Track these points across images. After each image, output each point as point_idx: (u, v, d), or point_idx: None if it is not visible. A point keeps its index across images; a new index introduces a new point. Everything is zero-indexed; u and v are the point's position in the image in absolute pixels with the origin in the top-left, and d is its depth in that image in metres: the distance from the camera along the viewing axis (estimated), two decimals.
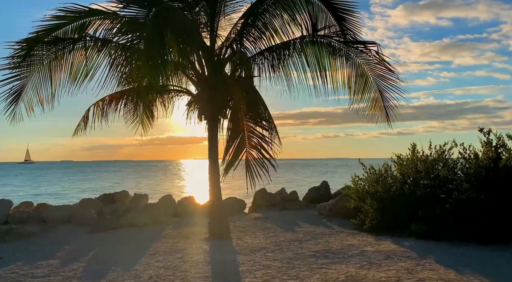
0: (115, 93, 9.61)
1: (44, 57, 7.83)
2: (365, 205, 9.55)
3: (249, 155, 7.84)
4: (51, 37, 7.72)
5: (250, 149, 7.84)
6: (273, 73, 8.49)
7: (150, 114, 10.64)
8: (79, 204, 11.84)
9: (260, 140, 7.88)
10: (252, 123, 7.99)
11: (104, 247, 8.21)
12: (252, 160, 7.84)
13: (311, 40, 8.45)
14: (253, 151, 7.85)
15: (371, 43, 8.07)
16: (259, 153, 7.84)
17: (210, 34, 8.91)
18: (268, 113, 10.29)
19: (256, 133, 7.96)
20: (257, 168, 7.81)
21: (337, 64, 8.48)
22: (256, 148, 7.82)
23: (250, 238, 8.83)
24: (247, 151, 7.85)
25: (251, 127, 7.91)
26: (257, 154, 7.86)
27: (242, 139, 7.87)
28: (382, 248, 7.62)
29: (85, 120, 10.18)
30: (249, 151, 7.84)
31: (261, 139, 7.90)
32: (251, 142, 7.83)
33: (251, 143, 7.83)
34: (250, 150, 7.84)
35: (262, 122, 8.15)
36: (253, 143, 7.83)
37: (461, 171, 9.01)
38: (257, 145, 7.82)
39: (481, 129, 9.04)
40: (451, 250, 7.43)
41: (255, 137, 7.89)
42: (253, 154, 7.85)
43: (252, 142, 7.83)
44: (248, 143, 7.84)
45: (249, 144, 7.84)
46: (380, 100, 8.50)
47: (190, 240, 8.69)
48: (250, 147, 7.85)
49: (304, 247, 7.84)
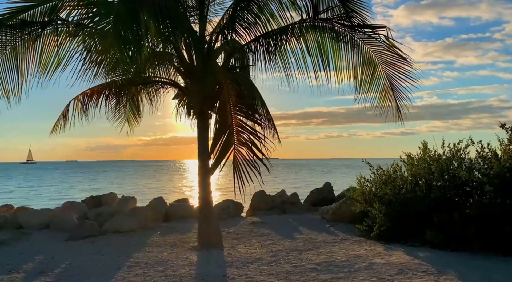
0: (96, 86, 8.68)
1: (9, 43, 6.91)
2: (373, 210, 8.60)
3: (238, 153, 6.85)
4: (17, 20, 6.80)
5: (239, 146, 6.85)
6: (269, 61, 7.55)
7: (136, 109, 9.76)
8: (61, 208, 10.93)
9: (251, 136, 6.87)
10: (243, 117, 7.02)
11: (79, 257, 7.29)
12: (241, 159, 6.86)
13: (312, 24, 7.50)
14: (242, 148, 6.85)
15: (380, 27, 7.10)
16: (249, 151, 6.84)
17: (199, 19, 7.97)
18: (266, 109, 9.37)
19: (246, 128, 6.95)
20: (247, 168, 6.83)
21: (341, 51, 7.53)
22: (247, 145, 6.81)
23: (244, 247, 7.90)
24: (236, 149, 6.86)
25: (240, 121, 6.93)
26: (247, 152, 6.87)
27: (230, 135, 6.88)
28: (394, 260, 6.67)
29: (64, 116, 9.25)
30: (237, 149, 6.84)
31: (252, 135, 6.88)
32: (241, 138, 6.83)
33: (240, 139, 6.84)
34: (239, 147, 6.85)
35: (255, 115, 7.12)
36: (242, 139, 6.83)
37: (479, 172, 8.05)
38: (248, 142, 6.81)
39: (502, 125, 8.06)
40: (474, 263, 6.45)
41: (245, 133, 6.88)
42: (243, 152, 6.86)
43: (242, 139, 6.83)
44: (237, 139, 6.85)
45: (238, 141, 6.85)
46: (390, 91, 7.53)
47: (177, 249, 7.76)
48: (239, 144, 6.85)
49: (304, 259, 6.90)
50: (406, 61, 7.01)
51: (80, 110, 9.04)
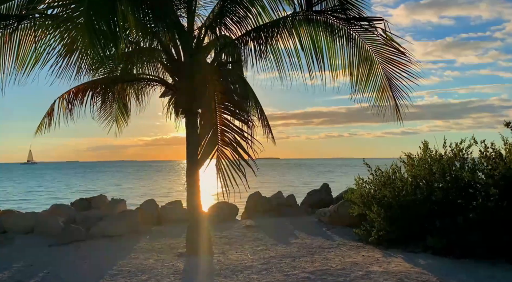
0: (82, 84, 8.27)
1: None
2: (371, 213, 8.18)
3: (221, 154, 6.41)
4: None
5: (223, 147, 6.42)
6: (260, 57, 7.14)
7: (124, 109, 9.35)
8: (48, 211, 10.52)
9: (236, 136, 6.43)
10: (228, 115, 6.59)
11: (60, 264, 6.89)
12: (224, 159, 6.41)
13: (305, 17, 7.08)
14: (226, 148, 6.42)
15: (377, 20, 6.67)
16: (234, 151, 6.40)
17: (187, 13, 7.56)
18: (260, 108, 8.97)
19: (232, 127, 6.51)
20: (231, 170, 6.38)
21: (336, 46, 7.12)
22: (232, 145, 6.38)
23: (235, 253, 7.48)
24: (219, 149, 6.43)
25: (225, 120, 6.50)
26: (232, 153, 6.43)
27: (215, 134, 6.46)
28: (392, 268, 6.25)
29: (49, 116, 8.84)
30: (221, 149, 6.41)
31: (237, 135, 6.44)
32: (225, 138, 6.40)
33: (224, 139, 6.40)
34: (223, 147, 6.42)
35: (242, 114, 6.65)
36: (227, 139, 6.39)
37: (483, 173, 7.62)
38: (233, 142, 6.38)
39: (507, 124, 7.61)
40: (478, 271, 6.01)
41: (230, 132, 6.45)
42: (227, 153, 6.43)
43: (226, 138, 6.39)
44: (221, 139, 6.42)
45: (222, 141, 6.41)
46: (387, 88, 7.11)
47: (164, 256, 7.35)
48: (223, 144, 6.42)
49: (297, 266, 6.48)
50: (405, 56, 6.59)
51: (65, 109, 8.63)
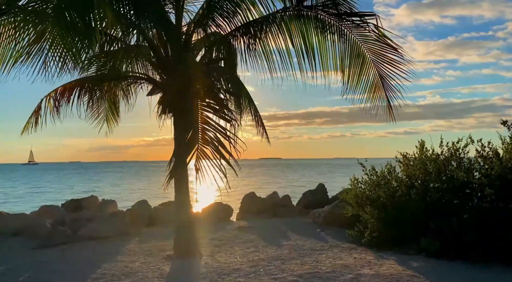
0: (69, 83, 8.09)
1: None
2: (364, 214, 7.97)
3: (201, 153, 6.19)
4: None
5: (203, 146, 6.20)
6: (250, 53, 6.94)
7: (114, 108, 9.14)
8: (37, 212, 10.33)
9: (218, 134, 6.21)
10: (210, 113, 6.37)
11: (42, 268, 6.69)
12: (205, 159, 6.19)
13: (295, 13, 6.88)
14: (207, 148, 6.20)
15: (368, 15, 6.46)
16: (215, 150, 6.18)
17: (175, 8, 7.36)
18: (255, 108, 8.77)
19: (213, 125, 6.29)
20: (212, 170, 6.17)
21: (328, 42, 6.91)
22: (213, 144, 6.16)
23: (224, 255, 7.29)
24: (199, 148, 6.21)
25: (207, 118, 6.28)
26: (212, 152, 6.21)
27: (195, 133, 6.24)
28: (384, 271, 6.04)
29: (36, 115, 8.64)
30: (201, 148, 6.19)
31: (219, 133, 6.22)
32: (206, 136, 6.18)
33: (205, 137, 6.19)
34: (204, 146, 6.20)
35: (224, 111, 6.41)
36: (207, 137, 6.18)
37: (479, 173, 7.41)
38: (214, 141, 6.16)
39: (504, 122, 7.42)
40: (473, 274, 5.81)
41: (211, 130, 6.23)
42: (207, 152, 6.21)
43: (207, 137, 6.18)
44: (201, 137, 6.20)
45: (202, 139, 6.20)
46: (380, 85, 6.90)
47: (151, 258, 7.16)
48: (203, 143, 6.21)
49: (286, 269, 6.28)
50: (397, 52, 6.37)
51: (53, 108, 8.44)
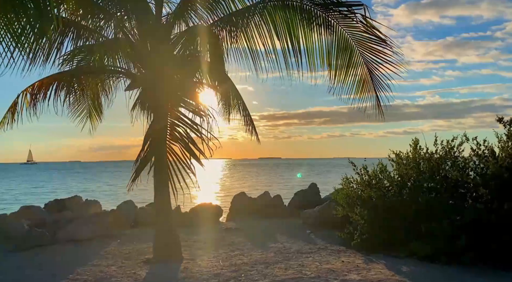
0: (46, 78, 7.73)
1: None
2: (354, 215, 7.62)
3: (170, 151, 5.80)
4: None
5: (172, 143, 5.81)
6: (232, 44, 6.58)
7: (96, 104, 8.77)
8: (16, 214, 9.95)
9: (189, 130, 5.81)
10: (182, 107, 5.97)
11: (12, 272, 6.34)
12: (173, 156, 5.79)
13: (280, 3, 6.51)
14: (175, 145, 5.81)
15: (356, 5, 6.08)
16: (184, 148, 5.78)
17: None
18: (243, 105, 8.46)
19: (184, 120, 5.88)
20: (180, 169, 5.78)
21: (314, 35, 6.54)
22: (183, 141, 5.76)
23: (206, 259, 6.92)
24: (168, 146, 5.82)
25: (179, 113, 5.89)
26: (181, 150, 5.82)
27: (164, 130, 5.85)
28: (372, 276, 5.68)
29: (12, 111, 8.27)
30: (170, 146, 5.80)
31: (191, 129, 5.82)
32: (175, 133, 5.79)
33: (174, 133, 5.80)
34: (172, 143, 5.81)
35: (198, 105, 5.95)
36: (177, 134, 5.79)
37: (474, 172, 7.07)
38: (184, 138, 5.77)
39: (500, 119, 7.07)
40: (465, 279, 5.45)
41: (181, 126, 5.84)
42: (175, 150, 5.81)
43: (177, 133, 5.79)
44: (170, 133, 5.82)
45: (171, 136, 5.82)
46: (369, 80, 6.54)
47: (128, 262, 6.80)
48: (172, 140, 5.82)
49: (269, 274, 5.92)
50: (386, 44, 6.00)
51: (29, 104, 8.06)
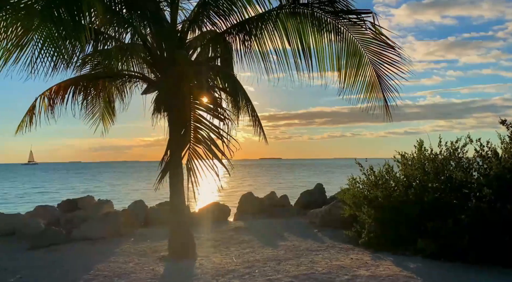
0: (63, 82, 8.01)
1: None
2: (361, 214, 7.88)
3: (193, 153, 6.10)
4: None
5: (195, 145, 6.11)
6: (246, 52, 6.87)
7: (110, 107, 9.05)
8: (31, 213, 10.23)
9: (210, 133, 6.12)
10: (203, 111, 6.27)
11: (34, 269, 6.59)
12: (196, 158, 6.10)
13: (291, 11, 6.79)
14: (199, 147, 6.10)
15: (365, 13, 6.37)
16: (207, 150, 6.09)
17: (170, 5, 7.28)
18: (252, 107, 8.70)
19: (206, 123, 6.19)
20: (203, 170, 6.08)
21: (324, 41, 6.82)
22: (206, 143, 6.06)
23: (219, 256, 7.19)
24: (191, 148, 6.11)
25: (200, 117, 6.19)
26: (205, 152, 6.12)
27: (187, 132, 6.14)
28: (380, 272, 5.95)
29: (30, 114, 8.55)
30: (193, 148, 6.10)
31: (212, 132, 6.13)
32: (198, 135, 6.09)
33: (197, 136, 6.09)
34: (196, 145, 6.10)
35: (217, 110, 6.30)
36: (200, 136, 6.08)
37: (477, 173, 7.33)
38: (206, 140, 6.07)
39: (503, 121, 7.33)
40: (469, 276, 5.72)
41: (203, 129, 6.14)
42: (199, 151, 6.12)
43: (199, 136, 6.09)
44: (193, 136, 6.11)
45: (194, 138, 6.11)
46: (377, 84, 6.81)
47: (145, 259, 7.07)
48: (195, 142, 6.11)
49: (282, 270, 6.19)
50: (394, 50, 6.28)
51: (47, 107, 8.35)
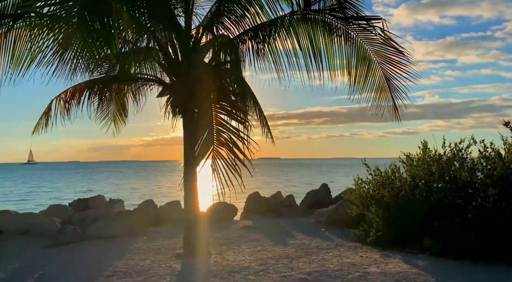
0: (79, 84, 8.23)
1: None
2: (369, 213, 8.13)
3: (217, 154, 6.38)
4: None
5: (218, 147, 6.38)
6: (258, 57, 7.11)
7: (122, 109, 9.29)
8: (45, 212, 10.47)
9: (232, 136, 6.40)
10: (224, 115, 6.56)
11: (53, 266, 6.83)
12: (220, 160, 6.38)
13: (303, 16, 7.04)
14: (222, 149, 6.38)
15: (375, 19, 6.63)
16: (230, 151, 6.37)
17: (184, 12, 7.51)
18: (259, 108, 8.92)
19: (227, 127, 6.49)
20: (227, 170, 6.36)
21: (335, 45, 7.07)
22: (228, 145, 6.34)
23: (232, 254, 7.43)
24: (215, 150, 6.39)
25: (221, 120, 6.47)
26: (228, 153, 6.40)
27: (210, 134, 6.42)
28: (390, 269, 6.20)
29: (46, 116, 8.79)
30: (217, 149, 6.37)
31: (234, 135, 6.41)
32: (221, 138, 6.37)
33: (220, 139, 6.37)
34: (219, 147, 6.38)
35: (238, 113, 6.61)
36: (222, 139, 6.36)
37: (481, 173, 7.58)
38: (229, 142, 6.35)
39: (506, 123, 7.58)
40: (476, 273, 5.97)
41: (226, 132, 6.42)
42: (222, 153, 6.39)
43: (222, 138, 6.36)
44: (216, 139, 6.39)
45: (217, 141, 6.38)
46: (386, 87, 7.06)
47: (161, 257, 7.30)
48: (218, 144, 6.39)
49: (295, 267, 6.43)
50: (403, 55, 6.54)
51: (63, 109, 8.58)
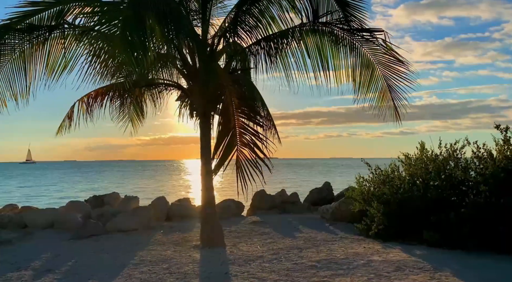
0: (101, 88, 8.89)
1: (17, 46, 7.10)
2: (371, 209, 8.79)
3: (240, 154, 7.06)
4: (25, 24, 6.99)
5: (241, 147, 7.06)
6: (270, 64, 7.78)
7: (140, 110, 9.94)
8: (65, 208, 11.10)
9: (253, 138, 7.10)
10: (245, 119, 7.24)
11: (84, 255, 7.47)
12: (243, 159, 7.07)
13: (311, 28, 7.71)
14: (245, 149, 7.06)
15: (377, 31, 7.31)
16: (251, 152, 7.06)
17: (202, 22, 8.16)
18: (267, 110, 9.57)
19: (249, 129, 7.18)
20: (249, 168, 7.05)
21: (341, 54, 7.74)
22: (249, 146, 7.03)
23: (245, 245, 8.08)
24: (238, 150, 7.07)
25: (243, 123, 7.14)
26: (250, 153, 7.09)
27: (233, 136, 7.09)
28: (391, 258, 6.86)
29: (69, 118, 9.44)
30: (240, 150, 7.05)
31: (254, 137, 7.11)
32: (243, 140, 7.04)
33: (242, 140, 7.04)
34: (242, 148, 7.06)
35: (257, 117, 7.36)
36: (245, 140, 7.03)
37: (474, 172, 8.26)
38: (250, 143, 7.03)
39: (497, 126, 8.25)
40: (469, 261, 6.65)
41: (247, 134, 7.09)
42: (245, 153, 7.08)
43: (244, 140, 7.04)
44: (239, 140, 7.05)
45: (240, 142, 7.05)
46: (387, 93, 7.74)
47: (180, 248, 7.95)
48: (241, 145, 7.06)
49: (305, 256, 7.09)
50: (403, 64, 7.22)
51: (85, 111, 9.22)
